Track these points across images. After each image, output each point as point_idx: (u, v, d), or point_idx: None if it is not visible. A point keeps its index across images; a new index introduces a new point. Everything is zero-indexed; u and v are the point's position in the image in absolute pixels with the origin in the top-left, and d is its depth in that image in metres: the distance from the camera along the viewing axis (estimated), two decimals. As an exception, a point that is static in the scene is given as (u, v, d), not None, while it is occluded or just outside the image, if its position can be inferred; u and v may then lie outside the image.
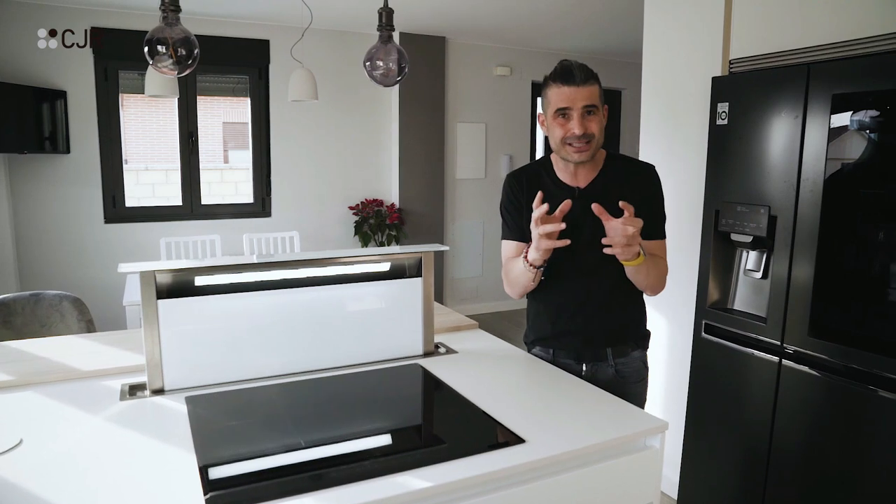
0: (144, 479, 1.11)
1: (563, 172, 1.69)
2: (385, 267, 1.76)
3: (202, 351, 1.55)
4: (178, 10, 1.55)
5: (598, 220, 1.56)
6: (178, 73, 1.59)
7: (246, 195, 5.29)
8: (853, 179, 1.95)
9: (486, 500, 1.13)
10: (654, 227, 1.67)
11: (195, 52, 1.59)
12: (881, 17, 1.91)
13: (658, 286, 1.69)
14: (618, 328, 1.72)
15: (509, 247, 1.75)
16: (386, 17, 1.77)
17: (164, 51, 1.55)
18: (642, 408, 1.66)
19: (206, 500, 1.02)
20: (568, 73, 1.55)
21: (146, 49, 1.56)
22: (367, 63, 1.82)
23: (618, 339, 1.71)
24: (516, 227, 1.73)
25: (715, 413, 2.38)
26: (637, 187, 1.65)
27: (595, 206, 1.47)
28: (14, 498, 1.04)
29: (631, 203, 1.54)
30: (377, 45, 1.80)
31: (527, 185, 1.70)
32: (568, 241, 1.51)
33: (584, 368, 1.71)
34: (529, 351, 1.82)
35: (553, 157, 1.71)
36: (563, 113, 1.56)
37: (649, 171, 1.71)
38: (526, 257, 1.59)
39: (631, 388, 1.68)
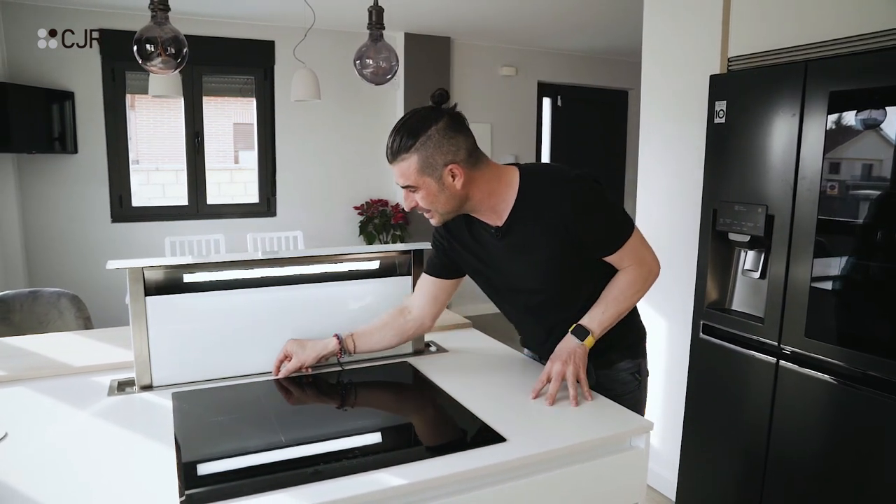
0: (124, 475, 1.11)
1: None
2: (375, 265, 1.76)
3: (191, 347, 1.56)
4: (166, 9, 1.56)
5: (522, 255, 1.48)
6: (169, 72, 1.61)
7: (254, 195, 5.31)
8: (850, 178, 1.93)
9: (466, 498, 1.12)
10: (595, 247, 1.48)
11: (184, 50, 1.59)
12: (878, 13, 1.89)
13: (641, 294, 1.53)
14: (600, 340, 1.51)
15: (425, 282, 1.66)
16: (376, 16, 1.77)
17: (153, 50, 1.56)
18: None
19: (182, 499, 1.02)
20: (387, 147, 1.43)
21: (135, 48, 1.57)
22: (358, 62, 1.82)
23: (596, 351, 1.52)
24: (435, 263, 1.64)
25: (713, 414, 2.36)
26: (557, 216, 1.42)
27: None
28: (-6, 490, 1.05)
29: (557, 232, 1.42)
30: (367, 43, 1.80)
31: (456, 233, 1.57)
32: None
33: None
34: (523, 351, 1.81)
35: None
36: None
37: (562, 194, 1.42)
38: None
39: (616, 400, 1.47)
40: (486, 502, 1.15)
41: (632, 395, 1.59)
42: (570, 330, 1.49)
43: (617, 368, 1.59)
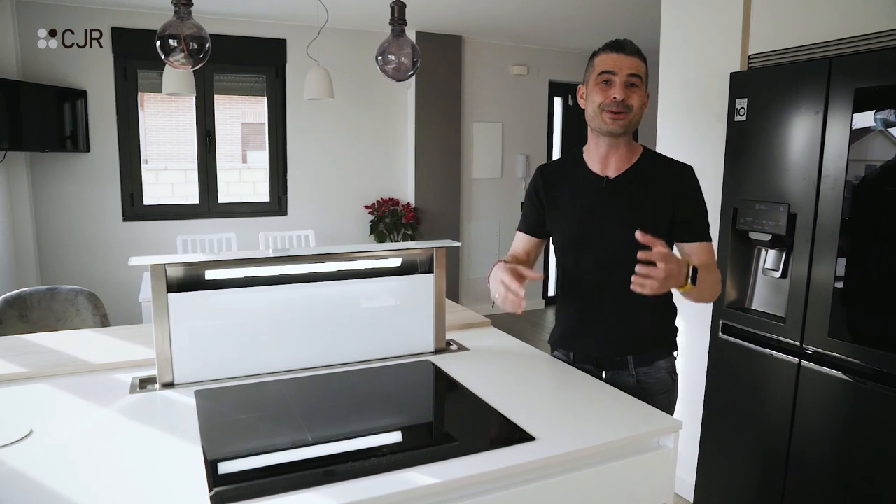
0: (151, 472, 1.10)
1: (593, 160, 1.61)
2: (397, 263, 1.74)
3: (212, 345, 1.55)
4: (189, 4, 1.55)
5: (623, 208, 1.54)
6: (190, 67, 1.60)
7: (263, 194, 5.31)
8: (876, 176, 1.90)
9: (496, 498, 1.11)
10: (689, 226, 1.57)
11: (207, 45, 1.59)
12: (906, 9, 1.86)
13: (713, 297, 1.57)
14: (641, 334, 1.60)
15: (516, 238, 1.73)
16: (398, 12, 1.76)
17: (175, 45, 1.56)
18: None
19: (212, 495, 1.01)
20: (618, 42, 1.53)
21: (158, 43, 1.56)
22: (380, 57, 1.81)
23: (640, 346, 1.59)
24: (528, 220, 1.71)
25: (732, 414, 2.33)
26: (670, 185, 1.56)
27: (639, 235, 1.31)
28: (22, 486, 1.05)
29: (662, 201, 1.50)
30: (389, 39, 1.79)
31: (550, 178, 1.66)
32: (539, 276, 1.42)
33: (603, 375, 1.61)
34: (552, 353, 1.75)
35: (586, 147, 1.64)
36: (606, 79, 1.51)
37: (685, 171, 1.59)
38: (490, 269, 1.52)
39: (652, 399, 1.50)
40: (516, 501, 1.14)
41: (668, 395, 1.62)
42: (690, 263, 1.41)
43: (657, 367, 1.61)
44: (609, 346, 1.61)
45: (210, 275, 1.55)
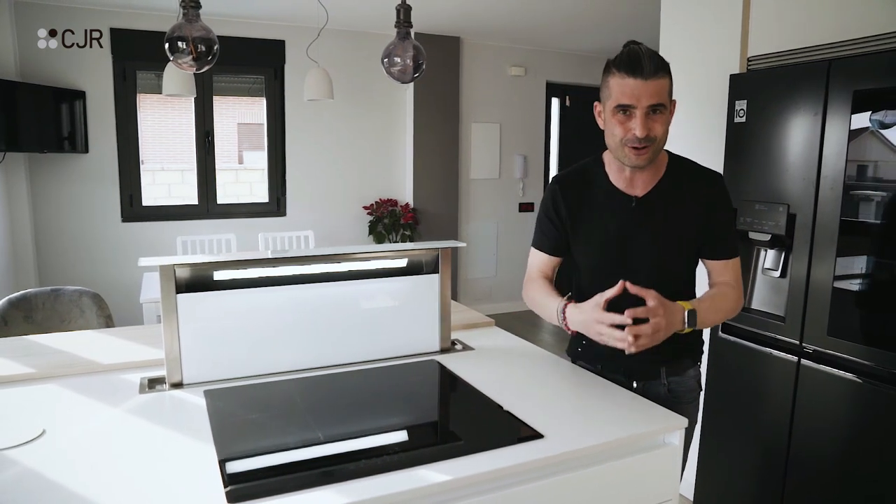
0: (164, 471, 1.11)
1: (617, 176, 1.52)
2: (402, 263, 1.76)
3: (220, 345, 1.56)
4: (198, 6, 1.57)
5: (654, 230, 1.48)
6: (197, 70, 1.61)
7: (260, 196, 5.32)
8: (875, 177, 1.93)
9: (505, 495, 1.13)
10: (717, 245, 1.52)
11: (214, 48, 1.60)
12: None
13: (728, 317, 1.54)
14: (674, 345, 1.49)
15: (537, 256, 1.63)
16: (404, 14, 1.77)
17: (183, 47, 1.57)
18: (693, 426, 1.57)
19: (226, 493, 1.02)
20: (636, 61, 1.32)
21: (167, 45, 1.57)
22: (385, 59, 1.82)
23: (673, 356, 1.54)
24: (548, 240, 1.60)
25: (732, 413, 2.36)
26: (700, 199, 1.49)
27: (630, 287, 1.32)
28: (36, 486, 1.06)
29: (693, 217, 1.46)
30: (395, 41, 1.80)
31: (571, 196, 1.54)
32: (629, 326, 1.35)
33: (634, 385, 1.57)
34: (574, 362, 1.70)
35: (606, 156, 1.55)
36: (624, 110, 1.37)
37: (715, 181, 1.51)
38: (565, 318, 1.46)
39: (681, 407, 1.48)
40: (525, 498, 1.15)
41: (696, 403, 1.63)
42: (686, 308, 1.40)
43: (687, 375, 1.60)
44: (642, 362, 1.54)
45: (218, 275, 1.56)
